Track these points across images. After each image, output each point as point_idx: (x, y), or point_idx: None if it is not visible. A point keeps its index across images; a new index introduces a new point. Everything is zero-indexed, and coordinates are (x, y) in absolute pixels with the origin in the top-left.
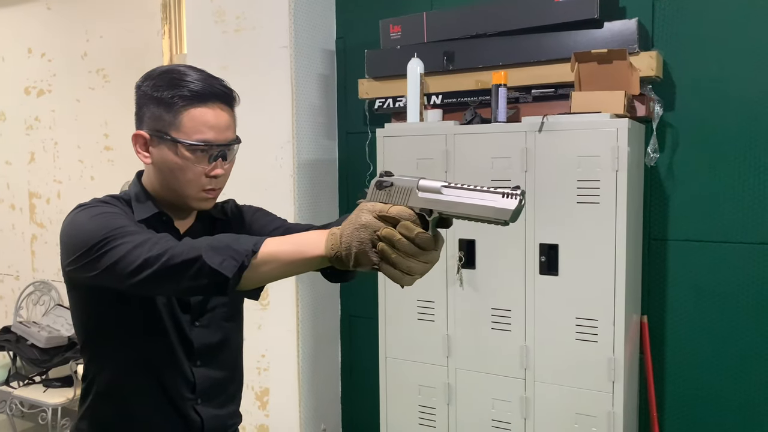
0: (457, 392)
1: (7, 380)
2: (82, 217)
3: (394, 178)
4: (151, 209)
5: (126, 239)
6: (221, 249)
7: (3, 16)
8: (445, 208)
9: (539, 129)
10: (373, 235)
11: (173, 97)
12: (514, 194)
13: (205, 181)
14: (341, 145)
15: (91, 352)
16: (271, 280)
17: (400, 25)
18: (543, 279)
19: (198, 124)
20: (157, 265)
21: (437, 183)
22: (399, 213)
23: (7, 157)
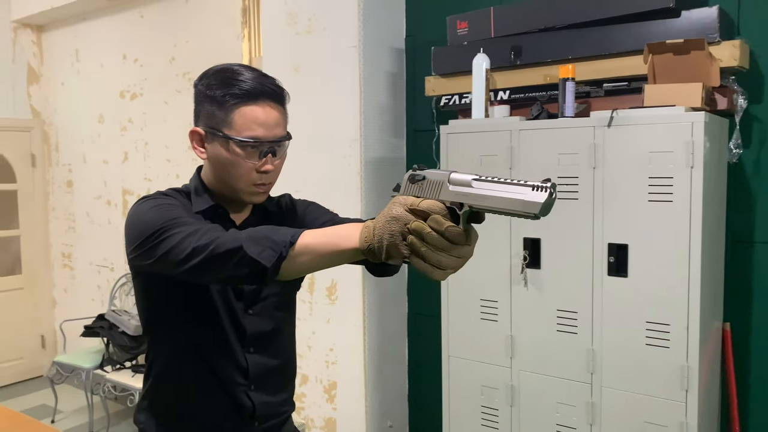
0: (520, 394)
1: (101, 365)
2: (142, 209)
3: (427, 171)
4: (208, 202)
5: (179, 229)
6: (260, 240)
7: (102, 26)
8: (474, 201)
9: (608, 124)
10: (404, 228)
11: (225, 95)
12: (544, 187)
13: (255, 176)
14: (409, 143)
15: (152, 336)
16: (309, 270)
17: (467, 20)
18: (611, 280)
19: (248, 122)
20: (205, 254)
21: (468, 176)
22: (429, 206)
23: (104, 157)
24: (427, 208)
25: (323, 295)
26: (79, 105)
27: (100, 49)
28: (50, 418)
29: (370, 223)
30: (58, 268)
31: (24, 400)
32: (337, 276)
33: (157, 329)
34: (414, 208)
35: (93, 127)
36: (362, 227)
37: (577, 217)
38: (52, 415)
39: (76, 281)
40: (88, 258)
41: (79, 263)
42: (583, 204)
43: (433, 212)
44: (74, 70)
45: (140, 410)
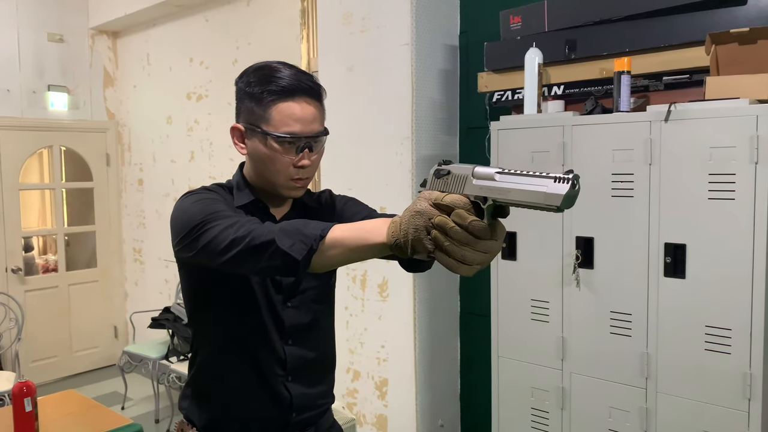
0: (571, 397)
1: (167, 355)
2: (186, 203)
3: (452, 166)
4: (249, 197)
5: (219, 222)
6: (292, 233)
7: (170, 30)
8: (497, 194)
9: (665, 118)
10: (428, 223)
11: (263, 92)
12: (566, 178)
13: (293, 171)
14: (462, 141)
15: (196, 326)
16: (339, 264)
17: (520, 15)
18: (668, 282)
19: (285, 117)
20: (242, 245)
21: (491, 170)
22: (452, 201)
23: (172, 156)
24: (451, 202)
25: (375, 291)
26: (149, 107)
27: (168, 52)
28: (120, 405)
29: (397, 219)
30: (129, 262)
31: (98, 387)
32: (388, 273)
33: (200, 320)
34: (438, 203)
35: (162, 128)
36: (390, 222)
37: (631, 215)
38: (122, 402)
39: (146, 275)
40: (157, 253)
41: (148, 258)
42: (639, 202)
43: (457, 206)
44: (145, 74)
45: (184, 397)
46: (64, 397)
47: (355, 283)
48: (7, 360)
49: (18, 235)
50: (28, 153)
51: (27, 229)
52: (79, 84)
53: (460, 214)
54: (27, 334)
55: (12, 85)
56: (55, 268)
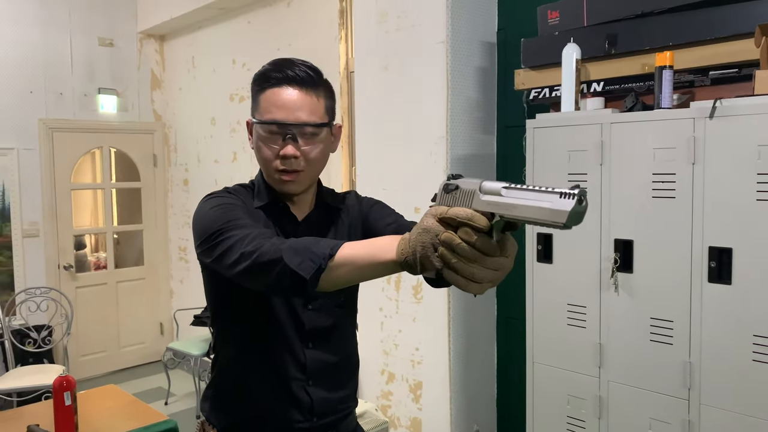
0: (609, 406)
1: (208, 352)
2: (205, 208)
3: (460, 180)
4: (269, 196)
5: (234, 233)
6: (301, 251)
7: (214, 33)
8: (504, 210)
9: (710, 115)
10: (435, 239)
11: (258, 81)
12: (572, 194)
13: (278, 162)
14: (499, 140)
15: (217, 328)
16: (349, 283)
17: (558, 10)
18: (712, 287)
19: (269, 105)
20: (249, 261)
21: (498, 184)
22: (456, 213)
23: (216, 157)
24: (454, 214)
25: (409, 293)
26: (194, 108)
27: (212, 55)
28: (164, 400)
29: (406, 236)
30: (175, 261)
31: (143, 382)
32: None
33: (222, 322)
34: (444, 217)
35: (206, 129)
36: (400, 239)
37: (673, 217)
38: (166, 397)
39: (191, 273)
40: None
41: (193, 257)
42: (681, 203)
43: (460, 218)
44: (190, 76)
45: (205, 398)
46: (104, 391)
47: (390, 285)
48: (57, 354)
49: (70, 234)
50: (80, 154)
51: (78, 228)
52: (128, 86)
53: (466, 230)
54: (77, 329)
55: (65, 88)
56: (105, 265)
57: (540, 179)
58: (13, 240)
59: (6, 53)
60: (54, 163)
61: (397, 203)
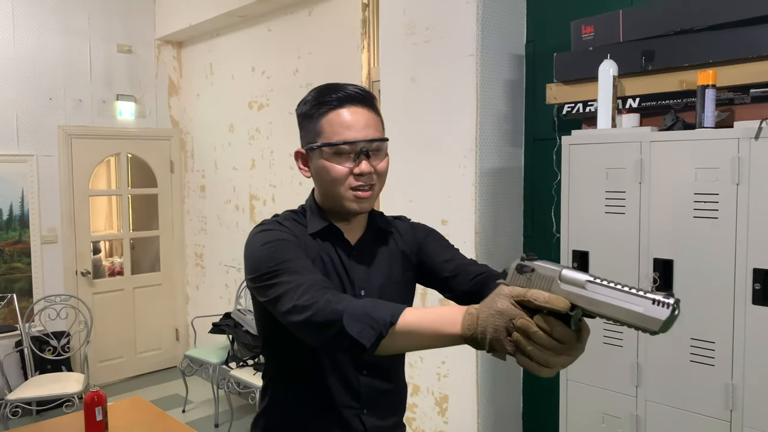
0: (646, 426)
1: (227, 361)
2: (256, 242)
3: (536, 263)
4: (322, 222)
5: (286, 278)
6: (360, 316)
7: (233, 40)
8: (587, 305)
9: (756, 135)
10: (509, 323)
11: (312, 108)
12: (667, 303)
13: (352, 180)
14: (527, 153)
15: (269, 357)
16: (409, 350)
17: (592, 25)
18: (756, 309)
19: (335, 126)
20: (303, 317)
21: (582, 276)
22: (535, 296)
23: (234, 164)
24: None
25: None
26: (211, 115)
27: (231, 62)
28: (181, 407)
29: (473, 310)
30: (191, 267)
31: (160, 389)
32: None
33: (274, 350)
34: (521, 300)
35: (224, 136)
36: (465, 313)
37: (716, 237)
38: (183, 405)
39: (207, 279)
40: (218, 258)
41: (209, 262)
42: (724, 224)
43: (538, 302)
44: (208, 83)
45: (256, 426)
46: (131, 404)
47: (416, 297)
48: (75, 361)
49: (87, 240)
50: (98, 160)
51: (95, 234)
52: (145, 93)
53: (545, 319)
54: (94, 335)
55: (84, 95)
56: (120, 270)
57: (576, 196)
58: (32, 246)
59: (27, 61)
60: (72, 169)
61: (424, 216)
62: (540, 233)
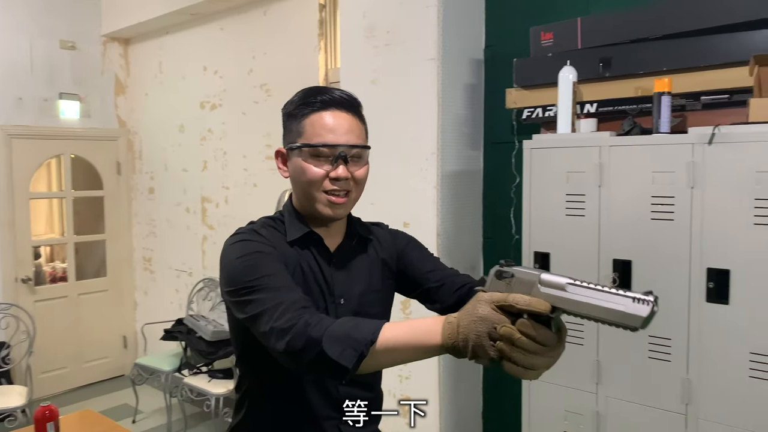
0: (607, 422)
1: (179, 368)
2: (233, 254)
3: (515, 269)
4: (302, 229)
5: (263, 295)
6: (341, 338)
7: (184, 39)
8: (569, 306)
9: (709, 141)
10: (491, 329)
11: (297, 108)
12: (646, 300)
13: (327, 184)
14: (486, 156)
15: (244, 370)
16: (391, 365)
17: (552, 31)
18: (710, 307)
19: (317, 129)
20: (282, 344)
21: (562, 279)
22: (516, 300)
23: (184, 165)
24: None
25: (397, 308)
26: (161, 115)
27: (182, 61)
28: (131, 417)
29: (453, 319)
30: (139, 271)
31: (108, 399)
32: None
33: (249, 363)
34: (502, 305)
35: (174, 137)
36: (444, 322)
37: (672, 239)
38: (133, 414)
39: (156, 284)
40: (168, 262)
41: (159, 267)
42: (680, 225)
43: (519, 305)
44: (157, 82)
45: None
46: (81, 417)
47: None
48: (16, 374)
49: (28, 245)
50: (39, 162)
51: (37, 238)
52: (91, 92)
53: (527, 323)
54: (37, 345)
55: (24, 93)
56: (63, 276)
57: (538, 199)
58: None
59: None
60: (12, 171)
61: (386, 218)
62: (499, 234)
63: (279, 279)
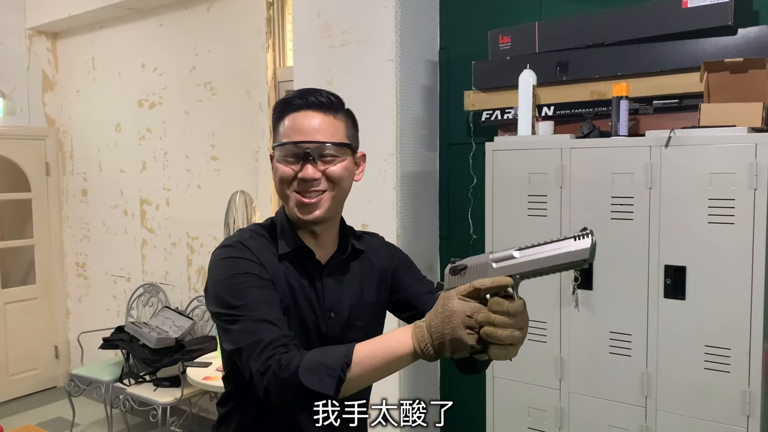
0: (569, 417)
1: (121, 377)
2: (218, 273)
3: (466, 260)
4: (293, 242)
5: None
6: (316, 368)
7: (120, 34)
8: (525, 268)
9: (666, 144)
10: (465, 319)
11: (279, 109)
12: (585, 234)
13: (295, 183)
14: (443, 157)
15: (233, 387)
16: (370, 382)
17: (510, 35)
18: (668, 303)
19: (288, 129)
20: (261, 384)
21: (508, 251)
22: (481, 283)
23: (121, 166)
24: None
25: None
26: (95, 113)
27: (117, 57)
28: (68, 430)
29: (421, 323)
30: (72, 278)
31: (40, 412)
32: None
33: (239, 381)
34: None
35: (110, 136)
36: (413, 328)
37: (631, 237)
38: (70, 428)
39: (91, 291)
40: (104, 267)
41: (94, 273)
42: (638, 225)
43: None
44: (90, 78)
45: None
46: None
47: None
48: None
49: None
50: None
51: None
52: (16, 88)
53: (496, 301)
54: None
55: None
56: None
57: (499, 200)
58: None
59: None
60: None
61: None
62: (456, 235)
63: (261, 310)
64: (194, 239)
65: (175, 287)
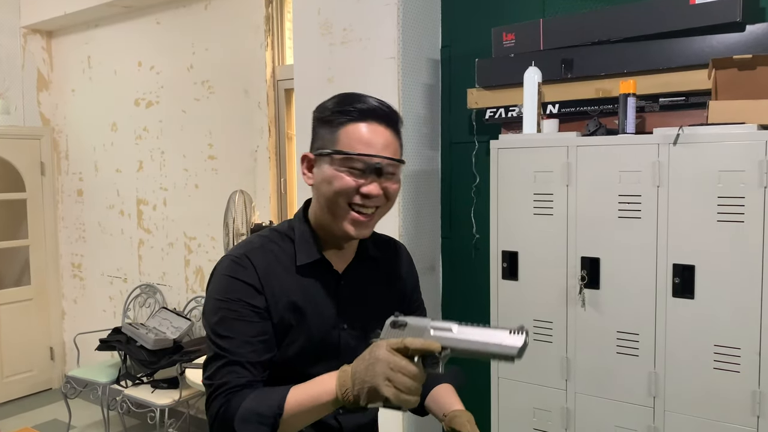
0: (576, 418)
1: (118, 379)
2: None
3: (408, 318)
4: (313, 255)
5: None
6: (249, 417)
7: (116, 32)
8: (455, 345)
9: (674, 141)
10: (387, 370)
11: (333, 114)
12: (520, 330)
13: (356, 197)
14: (444, 156)
15: None
16: (305, 425)
17: (514, 32)
18: (676, 302)
19: (353, 140)
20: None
21: (449, 323)
22: (411, 342)
23: (118, 166)
24: (410, 343)
25: None
26: (90, 112)
27: (113, 55)
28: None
29: (347, 368)
30: (67, 278)
31: (35, 415)
32: None
33: None
34: (398, 348)
35: (105, 135)
36: (339, 373)
37: (639, 236)
38: (66, 430)
39: (87, 292)
40: (100, 268)
41: (89, 273)
42: (646, 223)
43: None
44: (86, 77)
45: None
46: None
47: None
48: None
49: None
50: None
51: None
52: (10, 87)
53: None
54: None
55: None
56: None
57: (505, 198)
58: None
59: None
60: None
61: None
62: (457, 234)
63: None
64: (192, 239)
65: (172, 288)
